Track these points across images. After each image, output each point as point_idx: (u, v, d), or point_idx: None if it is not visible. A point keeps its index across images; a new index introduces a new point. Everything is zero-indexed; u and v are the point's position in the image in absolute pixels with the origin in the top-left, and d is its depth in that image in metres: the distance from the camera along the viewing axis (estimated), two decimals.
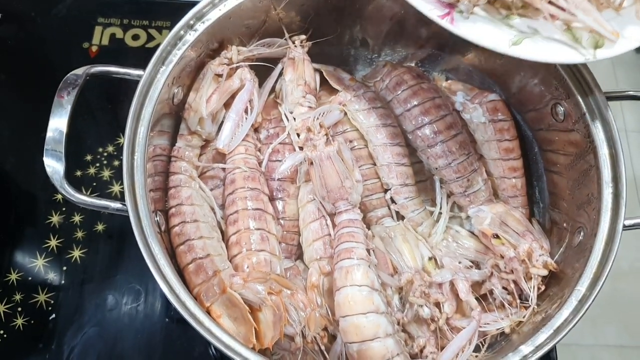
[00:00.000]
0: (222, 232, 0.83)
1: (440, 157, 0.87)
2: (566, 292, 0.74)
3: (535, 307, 0.79)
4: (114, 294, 1.00)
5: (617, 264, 0.70)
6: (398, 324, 0.78)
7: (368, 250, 0.78)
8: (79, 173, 1.08)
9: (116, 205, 0.74)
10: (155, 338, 0.99)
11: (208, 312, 0.71)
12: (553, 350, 0.90)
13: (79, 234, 1.04)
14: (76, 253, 1.03)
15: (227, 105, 0.85)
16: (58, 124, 0.74)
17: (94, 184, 1.08)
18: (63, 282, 1.00)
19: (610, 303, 1.47)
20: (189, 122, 0.84)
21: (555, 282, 0.80)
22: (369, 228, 0.86)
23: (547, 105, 0.85)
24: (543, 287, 0.80)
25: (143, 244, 0.69)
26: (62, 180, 0.73)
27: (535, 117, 0.89)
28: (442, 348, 0.76)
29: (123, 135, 0.75)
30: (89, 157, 1.12)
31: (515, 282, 0.81)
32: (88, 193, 1.05)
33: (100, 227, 1.07)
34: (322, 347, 0.74)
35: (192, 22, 0.80)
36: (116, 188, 1.08)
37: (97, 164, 1.12)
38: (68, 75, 0.76)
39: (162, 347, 0.98)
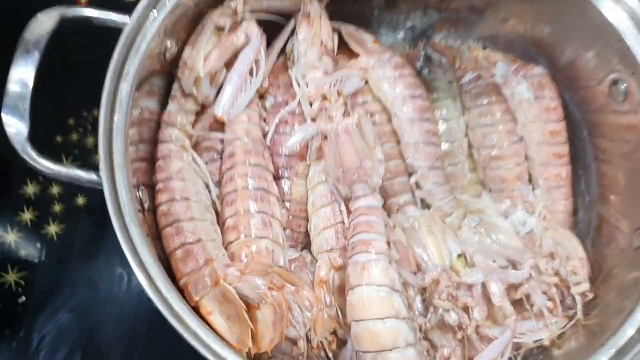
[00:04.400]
0: (217, 214, 0.77)
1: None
2: (627, 304, 0.66)
3: (582, 317, 0.74)
4: (94, 276, 0.93)
5: None
6: (420, 330, 0.73)
7: (388, 244, 0.72)
8: (59, 139, 0.99)
9: (90, 176, 0.65)
10: (138, 327, 0.91)
11: (197, 308, 0.67)
12: None
13: (57, 207, 0.96)
14: (52, 228, 0.95)
15: (229, 64, 0.78)
16: (22, 74, 0.64)
17: (76, 151, 0.98)
18: (36, 260, 0.94)
19: None
20: (183, 82, 0.77)
21: (611, 289, 0.74)
22: (389, 216, 0.80)
23: (601, 83, 0.77)
24: (591, 295, 0.75)
25: (119, 224, 0.61)
26: (25, 143, 0.64)
27: (587, 96, 0.82)
28: None
29: None
30: (71, 121, 1.01)
31: (557, 286, 0.76)
32: (68, 161, 0.97)
33: (80, 200, 0.97)
34: (330, 354, 0.71)
35: None
36: None
37: (81, 129, 1.01)
38: (36, 16, 0.65)
39: (146, 338, 0.91)
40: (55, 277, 0.93)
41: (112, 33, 0.68)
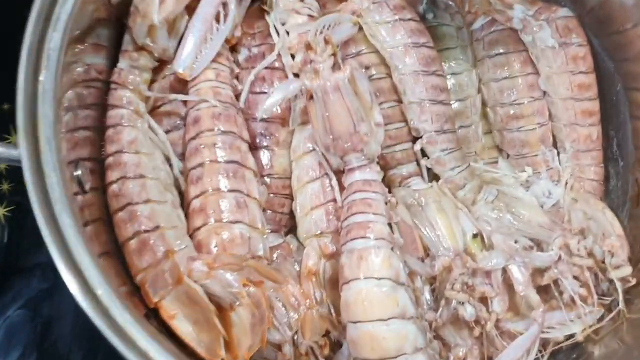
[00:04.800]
0: (180, 194, 0.72)
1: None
2: None
3: (624, 308, 0.69)
4: (48, 266, 0.86)
5: None
6: (430, 328, 0.68)
7: (390, 226, 0.66)
8: (5, 106, 0.92)
9: (9, 152, 0.55)
10: None
11: (157, 310, 0.61)
12: None
13: (5, 187, 0.90)
14: (0, 211, 0.90)
15: (191, 9, 0.72)
16: None
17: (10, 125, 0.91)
18: None
19: None
20: (135, 32, 0.71)
21: None
22: (390, 191, 0.76)
23: (638, 25, 0.72)
24: (634, 281, 0.70)
25: (43, 212, 0.52)
26: None
27: (621, 42, 0.77)
28: None
29: None
30: None
31: (590, 269, 0.71)
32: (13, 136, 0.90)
33: None
34: None
35: None
36: None
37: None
38: None
39: None
40: (4, 266, 0.87)
41: None
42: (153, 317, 0.62)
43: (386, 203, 0.68)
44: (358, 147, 0.68)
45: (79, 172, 0.62)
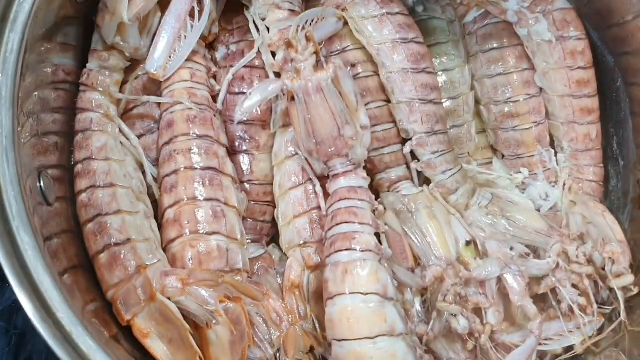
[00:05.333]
0: (154, 203, 0.70)
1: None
2: None
3: (626, 319, 0.66)
4: None
5: None
6: (421, 342, 0.65)
7: (378, 236, 0.63)
8: None
9: None
10: None
11: (129, 328, 0.60)
12: None
13: None
14: None
15: (164, 5, 0.70)
16: None
17: None
18: None
19: None
20: (105, 30, 0.69)
21: None
22: (378, 197, 0.74)
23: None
24: (636, 290, 0.68)
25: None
26: None
27: (621, 35, 0.75)
28: None
29: None
30: None
31: (590, 277, 0.69)
32: None
33: None
34: None
35: None
36: None
37: None
38: None
39: None
40: None
41: None
42: (126, 335, 0.59)
43: (374, 212, 0.65)
44: (343, 151, 0.65)
45: (41, 184, 0.58)
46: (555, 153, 0.79)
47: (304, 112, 0.65)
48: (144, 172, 0.70)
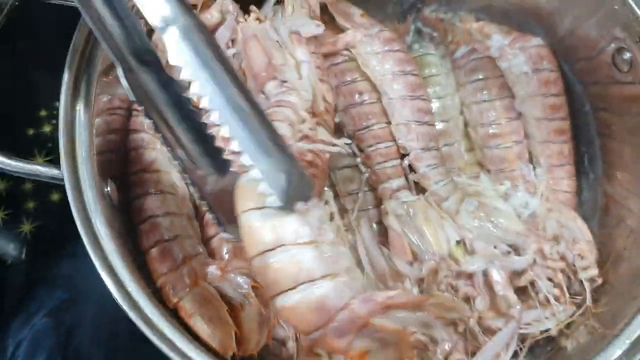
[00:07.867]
0: (195, 207, 0.73)
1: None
2: None
3: (591, 305, 0.70)
4: (70, 277, 0.87)
5: None
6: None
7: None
8: (31, 132, 0.93)
9: (51, 171, 0.60)
10: (120, 331, 0.84)
11: (176, 310, 0.63)
12: None
13: (31, 204, 0.91)
14: (26, 227, 0.90)
15: None
16: None
17: (49, 144, 0.93)
18: (9, 262, 0.88)
19: None
20: None
21: (622, 274, 0.71)
22: (381, 203, 0.78)
23: (603, 53, 0.74)
24: (600, 280, 0.72)
25: (83, 223, 0.57)
26: None
27: (588, 67, 0.79)
28: (473, 354, 0.69)
29: None
30: (43, 112, 0.95)
31: (563, 271, 0.73)
32: (41, 156, 0.92)
33: (55, 196, 0.92)
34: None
35: None
36: None
37: (55, 121, 0.94)
38: None
39: (128, 342, 0.84)
40: (30, 279, 0.88)
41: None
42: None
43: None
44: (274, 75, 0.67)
45: (107, 189, 0.65)
46: (534, 168, 0.82)
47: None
48: (186, 183, 0.71)
